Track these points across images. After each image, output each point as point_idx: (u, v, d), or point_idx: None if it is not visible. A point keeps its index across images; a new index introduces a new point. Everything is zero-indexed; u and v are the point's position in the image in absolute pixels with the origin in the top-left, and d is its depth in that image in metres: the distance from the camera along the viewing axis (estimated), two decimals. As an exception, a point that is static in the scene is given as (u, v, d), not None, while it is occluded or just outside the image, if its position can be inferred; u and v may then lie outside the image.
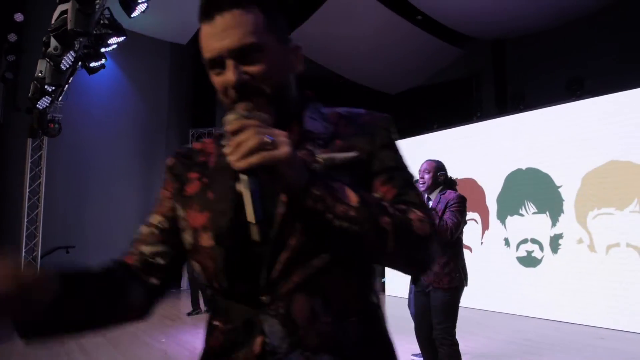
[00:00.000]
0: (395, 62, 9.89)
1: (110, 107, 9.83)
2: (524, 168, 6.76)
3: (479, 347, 4.92)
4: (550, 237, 6.33)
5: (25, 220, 8.11)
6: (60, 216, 8.71)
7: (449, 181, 3.37)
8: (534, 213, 6.56)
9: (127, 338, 5.26)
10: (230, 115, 0.73)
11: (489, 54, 9.66)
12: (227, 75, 0.80)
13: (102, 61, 5.20)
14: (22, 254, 8.01)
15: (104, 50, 4.92)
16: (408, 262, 0.82)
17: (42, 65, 5.22)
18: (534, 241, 6.52)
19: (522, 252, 6.66)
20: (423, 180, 3.31)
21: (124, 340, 5.13)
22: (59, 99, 6.79)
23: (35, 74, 5.56)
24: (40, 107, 6.67)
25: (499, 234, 7.02)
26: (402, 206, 0.81)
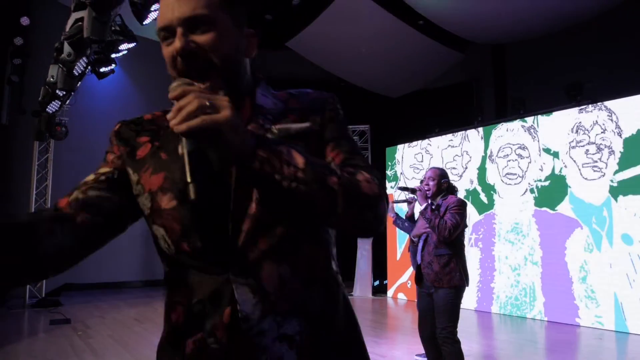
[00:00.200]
0: (396, 66, 9.96)
1: (115, 110, 9.90)
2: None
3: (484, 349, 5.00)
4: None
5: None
6: (66, 218, 8.77)
7: (450, 188, 3.51)
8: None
9: (135, 339, 5.34)
10: (174, 84, 0.76)
11: (489, 59, 9.75)
12: (175, 42, 0.82)
13: (112, 66, 5.30)
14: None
15: (114, 56, 5.03)
16: (359, 222, 0.84)
17: (53, 71, 5.32)
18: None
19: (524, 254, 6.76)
20: (428, 186, 3.44)
21: (133, 342, 5.20)
22: (66, 102, 6.87)
23: (47, 79, 5.65)
24: (50, 111, 6.76)
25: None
26: (350, 169, 0.85)
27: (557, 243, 6.34)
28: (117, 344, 5.10)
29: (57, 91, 5.59)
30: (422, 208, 3.41)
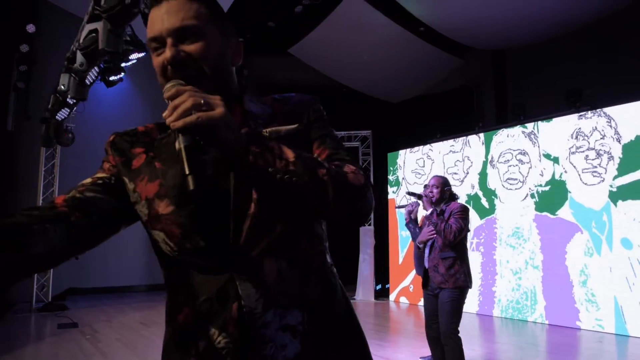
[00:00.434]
0: (398, 72, 10.07)
1: (120, 116, 10.05)
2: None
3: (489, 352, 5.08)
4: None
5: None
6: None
7: (452, 195, 3.68)
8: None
9: (143, 342, 5.42)
10: (168, 84, 0.82)
11: (489, 64, 9.86)
12: (165, 52, 0.87)
13: (121, 75, 5.40)
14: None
15: (124, 65, 5.13)
16: (349, 211, 0.90)
17: (64, 79, 5.41)
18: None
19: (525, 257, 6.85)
20: (432, 193, 3.60)
21: (141, 345, 5.29)
22: (74, 109, 6.98)
23: (58, 88, 5.75)
24: (60, 118, 6.86)
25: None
26: (337, 162, 0.92)
27: (557, 247, 6.43)
28: (125, 347, 5.18)
29: (68, 99, 5.69)
30: (428, 213, 3.58)
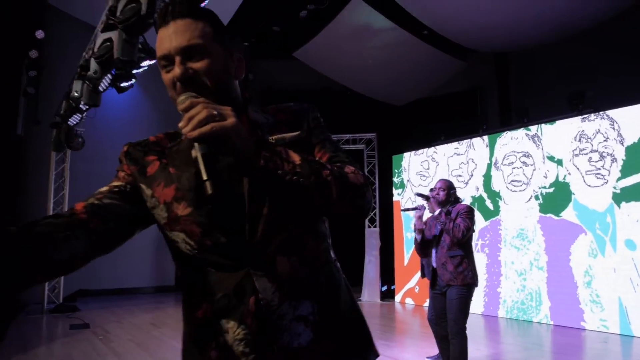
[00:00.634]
0: (401, 75, 10.15)
1: (128, 120, 10.22)
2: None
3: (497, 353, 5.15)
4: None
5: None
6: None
7: (457, 198, 3.87)
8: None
9: (156, 343, 5.52)
10: (181, 97, 0.89)
11: (492, 67, 9.93)
12: (174, 69, 0.94)
13: (132, 81, 5.52)
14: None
15: (135, 72, 5.25)
16: (351, 209, 0.97)
17: (77, 86, 5.53)
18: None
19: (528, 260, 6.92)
20: (439, 196, 3.75)
21: (153, 345, 5.39)
22: (84, 114, 7.10)
23: (71, 94, 5.87)
24: (72, 124, 6.98)
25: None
26: (338, 164, 0.99)
27: (561, 248, 6.50)
28: (138, 347, 5.28)
29: (81, 105, 5.82)
30: (436, 213, 3.77)
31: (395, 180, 9.50)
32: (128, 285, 10.14)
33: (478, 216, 7.62)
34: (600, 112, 6.29)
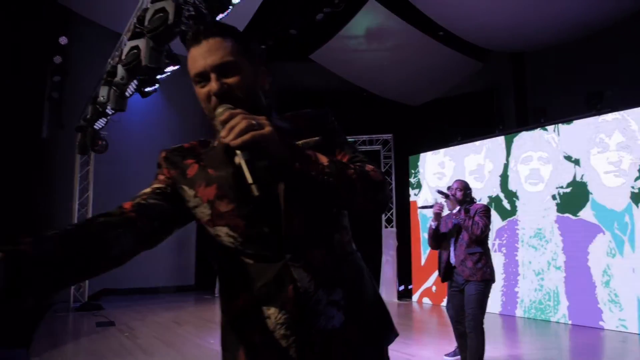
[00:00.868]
0: (418, 76, 10.20)
1: (149, 123, 10.45)
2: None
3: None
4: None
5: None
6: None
7: (472, 198, 4.02)
8: (556, 221, 6.81)
9: (181, 340, 5.68)
10: (220, 109, 0.99)
11: (508, 67, 9.91)
12: (211, 85, 1.05)
13: (156, 86, 5.69)
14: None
15: (159, 77, 5.42)
16: (373, 203, 1.08)
17: (104, 91, 5.73)
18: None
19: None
20: (456, 195, 3.85)
21: (178, 342, 5.56)
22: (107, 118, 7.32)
23: (97, 99, 6.08)
24: (97, 127, 7.20)
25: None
26: (358, 164, 1.10)
27: (579, 248, 6.51)
28: (163, 344, 5.45)
29: (108, 110, 6.02)
30: (455, 211, 3.90)
31: (412, 180, 9.56)
32: (149, 284, 10.37)
33: (495, 216, 7.65)
34: (619, 112, 6.28)
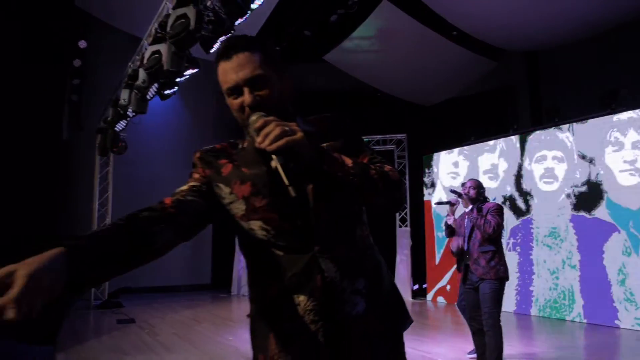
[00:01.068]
0: (431, 75, 10.21)
1: (166, 125, 10.64)
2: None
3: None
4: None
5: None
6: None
7: (485, 197, 4.09)
8: (571, 220, 6.81)
9: (200, 337, 5.82)
10: (253, 117, 1.09)
11: (522, 66, 9.89)
12: (244, 97, 1.14)
13: (175, 89, 5.83)
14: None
15: (178, 80, 5.56)
16: (392, 200, 1.19)
17: (125, 94, 5.89)
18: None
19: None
20: (469, 194, 3.92)
21: (198, 339, 5.69)
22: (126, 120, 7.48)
23: (119, 101, 6.24)
24: (118, 129, 7.38)
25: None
26: (378, 164, 1.19)
27: (594, 247, 6.51)
28: (183, 340, 5.59)
29: (129, 112, 6.17)
30: (468, 210, 3.96)
31: (426, 180, 9.60)
32: (167, 283, 10.56)
33: (510, 215, 7.67)
34: (635, 110, 6.26)
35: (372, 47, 9.86)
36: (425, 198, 9.53)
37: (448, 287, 8.66)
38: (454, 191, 4.21)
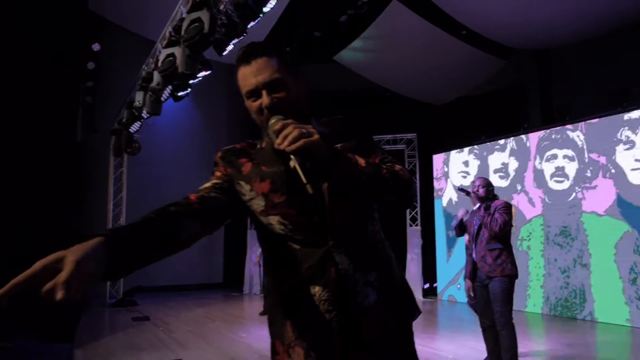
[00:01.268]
0: (441, 75, 10.22)
1: (178, 126, 10.78)
2: (571, 176, 7.04)
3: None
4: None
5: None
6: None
7: (494, 195, 4.10)
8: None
9: (214, 335, 5.92)
10: (273, 120, 1.16)
11: (533, 65, 9.87)
12: (263, 100, 1.20)
13: (188, 91, 5.93)
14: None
15: (191, 82, 5.65)
16: (402, 199, 1.25)
17: (139, 96, 6.00)
18: (583, 246, 6.80)
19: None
20: (478, 192, 3.96)
21: (211, 336, 5.79)
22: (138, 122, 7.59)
23: (134, 103, 6.36)
24: (132, 131, 7.51)
25: (548, 239, 7.31)
26: (389, 164, 1.25)
27: (606, 246, 6.51)
28: (197, 337, 5.70)
29: (143, 114, 6.29)
30: (475, 208, 3.99)
31: (436, 179, 9.63)
32: (179, 282, 10.70)
33: (520, 214, 7.68)
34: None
35: (381, 47, 9.89)
36: (436, 197, 9.55)
37: (458, 285, 8.69)
38: (461, 189, 4.25)
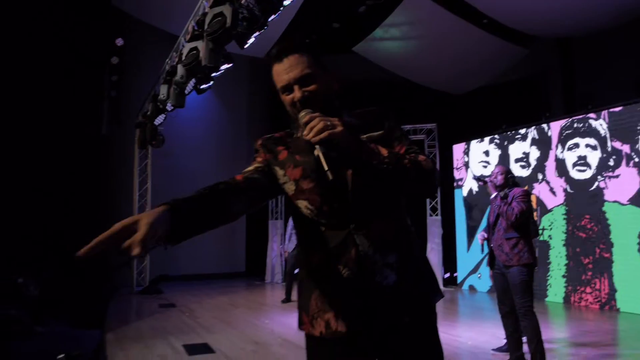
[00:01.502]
0: (462, 64, 10.14)
1: (201, 118, 10.97)
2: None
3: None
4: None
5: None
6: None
7: (515, 182, 4.06)
8: (605, 208, 6.75)
9: (237, 320, 6.10)
10: (302, 113, 1.27)
11: (555, 53, 9.74)
12: (295, 94, 1.32)
13: (210, 83, 6.06)
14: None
15: (213, 75, 5.78)
16: (423, 187, 1.34)
17: (164, 90, 6.17)
18: (605, 235, 6.75)
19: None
20: (497, 180, 3.98)
21: (235, 322, 5.97)
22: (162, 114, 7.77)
23: (158, 97, 6.53)
24: (157, 123, 7.70)
25: (570, 229, 7.26)
26: (413, 154, 1.33)
27: (628, 235, 6.45)
28: (222, 322, 5.88)
29: (168, 107, 6.45)
30: (492, 196, 3.99)
31: (456, 169, 9.61)
32: (203, 271, 10.95)
33: (542, 203, 7.66)
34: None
35: (401, 37, 9.88)
36: (456, 187, 9.55)
37: (479, 275, 8.71)
38: (478, 178, 4.28)
